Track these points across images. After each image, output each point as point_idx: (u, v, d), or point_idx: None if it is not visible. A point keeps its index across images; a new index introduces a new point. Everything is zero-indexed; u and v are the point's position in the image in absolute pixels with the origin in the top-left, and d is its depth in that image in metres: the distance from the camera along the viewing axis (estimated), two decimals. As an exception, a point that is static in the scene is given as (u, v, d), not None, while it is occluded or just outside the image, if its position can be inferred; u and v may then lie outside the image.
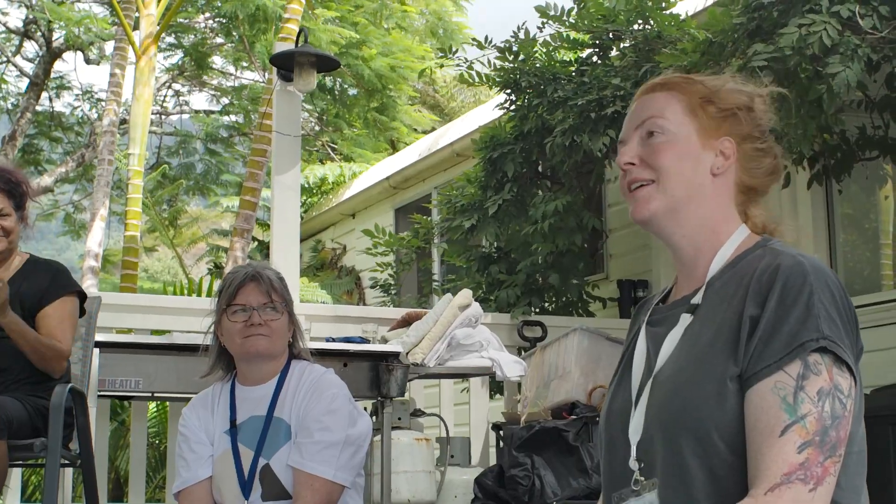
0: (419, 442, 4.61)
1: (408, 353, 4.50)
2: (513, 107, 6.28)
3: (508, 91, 6.24)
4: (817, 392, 1.39)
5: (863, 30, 4.24)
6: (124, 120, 13.40)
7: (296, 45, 5.54)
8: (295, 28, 8.43)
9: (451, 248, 6.84)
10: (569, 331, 4.91)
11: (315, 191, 13.04)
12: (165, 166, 16.61)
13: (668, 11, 5.62)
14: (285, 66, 5.37)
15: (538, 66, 6.02)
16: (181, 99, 17.88)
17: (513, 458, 4.35)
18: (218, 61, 16.88)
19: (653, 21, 5.64)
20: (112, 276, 14.92)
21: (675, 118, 1.62)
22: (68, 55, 16.94)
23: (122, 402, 6.05)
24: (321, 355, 3.62)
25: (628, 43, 5.76)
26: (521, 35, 6.03)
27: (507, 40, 6.07)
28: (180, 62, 16.72)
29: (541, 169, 6.48)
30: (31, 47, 17.31)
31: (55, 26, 15.70)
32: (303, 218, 11.37)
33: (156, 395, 4.54)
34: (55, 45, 16.35)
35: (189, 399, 3.18)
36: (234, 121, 17.21)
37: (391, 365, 4.41)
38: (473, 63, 6.26)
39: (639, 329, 1.68)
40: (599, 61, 6.02)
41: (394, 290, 8.40)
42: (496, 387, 5.88)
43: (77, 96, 17.62)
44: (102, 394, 4.18)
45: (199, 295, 8.61)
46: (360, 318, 5.21)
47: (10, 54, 17.09)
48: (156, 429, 7.76)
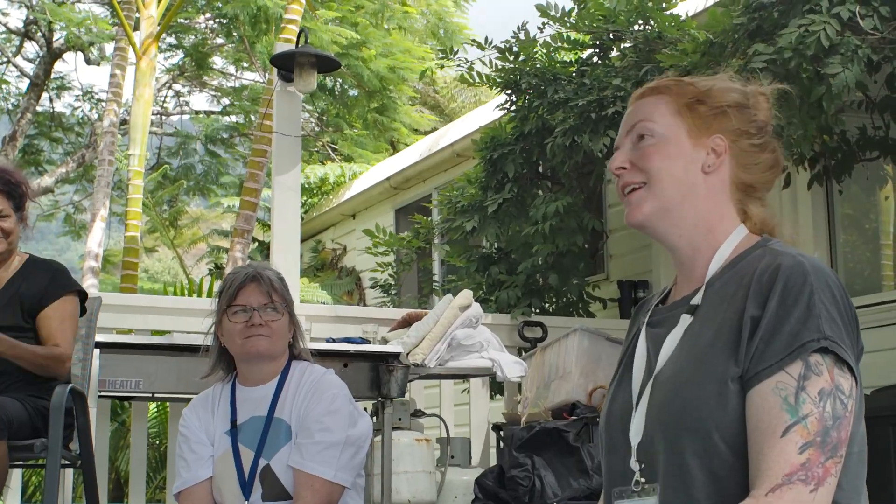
0: (419, 442, 4.61)
1: (408, 354, 4.50)
2: (513, 107, 6.28)
3: (509, 92, 6.24)
4: (818, 392, 1.39)
5: (863, 30, 4.24)
6: (125, 120, 13.40)
7: (296, 46, 5.54)
8: (295, 28, 8.43)
9: (451, 248, 6.83)
10: (569, 331, 4.91)
11: (315, 191, 13.03)
12: (166, 167, 16.61)
13: (669, 12, 5.62)
14: (286, 66, 5.37)
15: (538, 66, 6.02)
16: (181, 99, 17.89)
17: (513, 458, 4.34)
18: (218, 62, 16.89)
19: (653, 21, 5.63)
20: (112, 277, 14.92)
21: (663, 120, 1.62)
22: (69, 56, 16.96)
23: (122, 402, 6.05)
24: (321, 356, 3.62)
25: (629, 43, 5.76)
26: (522, 36, 6.03)
27: (507, 40, 6.06)
28: (181, 63, 16.73)
29: (541, 169, 6.48)
30: (31, 48, 17.33)
31: (56, 27, 15.71)
32: (303, 218, 11.36)
33: (156, 395, 4.53)
34: (56, 45, 16.36)
35: (189, 400, 3.18)
36: (234, 121, 17.22)
37: (391, 365, 4.41)
38: (474, 63, 6.26)
39: (638, 330, 1.68)
40: (600, 62, 6.01)
41: (394, 291, 8.39)
42: (496, 387, 5.88)
43: (77, 97, 17.65)
44: (103, 394, 4.18)
45: (200, 295, 8.61)
46: (360, 319, 5.20)
47: (11, 55, 17.09)
48: (156, 429, 7.76)
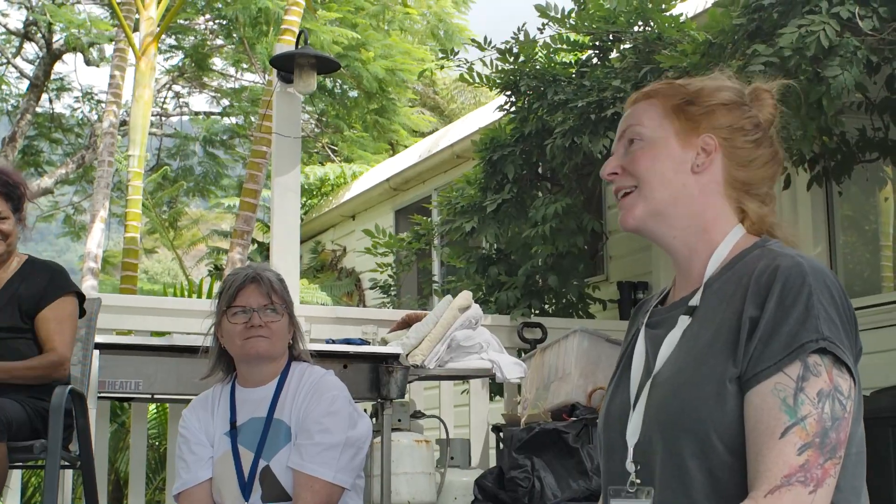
0: (419, 443, 4.61)
1: (408, 355, 4.50)
2: (513, 109, 6.28)
3: (508, 93, 6.24)
4: (817, 393, 1.39)
5: (862, 31, 4.24)
6: (124, 121, 13.40)
7: (296, 47, 5.54)
8: (295, 30, 8.43)
9: (451, 249, 6.83)
10: (569, 332, 4.91)
11: (315, 192, 13.03)
12: (166, 168, 16.61)
13: (669, 13, 5.62)
14: (285, 67, 5.36)
15: (538, 67, 6.02)
16: (181, 101, 17.89)
17: (513, 459, 4.34)
18: (218, 63, 16.89)
19: (653, 22, 5.63)
20: (112, 278, 14.91)
21: (651, 123, 1.63)
22: (68, 57, 16.96)
23: (122, 403, 6.04)
24: (321, 357, 3.62)
25: (628, 44, 5.76)
26: (521, 37, 6.03)
27: (507, 41, 6.06)
28: (180, 64, 16.73)
29: (541, 171, 6.48)
30: (31, 49, 17.34)
31: (55, 28, 15.71)
32: (303, 219, 11.37)
33: (156, 396, 4.53)
34: (55, 46, 16.36)
35: (189, 401, 3.18)
36: (234, 123, 17.22)
37: (391, 366, 4.41)
38: (473, 64, 6.26)
39: (637, 331, 1.68)
40: (599, 63, 6.02)
41: (393, 292, 8.39)
42: (496, 388, 5.88)
43: (77, 98, 17.65)
44: (102, 395, 4.17)
45: (199, 296, 8.60)
46: (359, 320, 5.20)
47: (11, 56, 17.09)
48: (156, 430, 7.75)
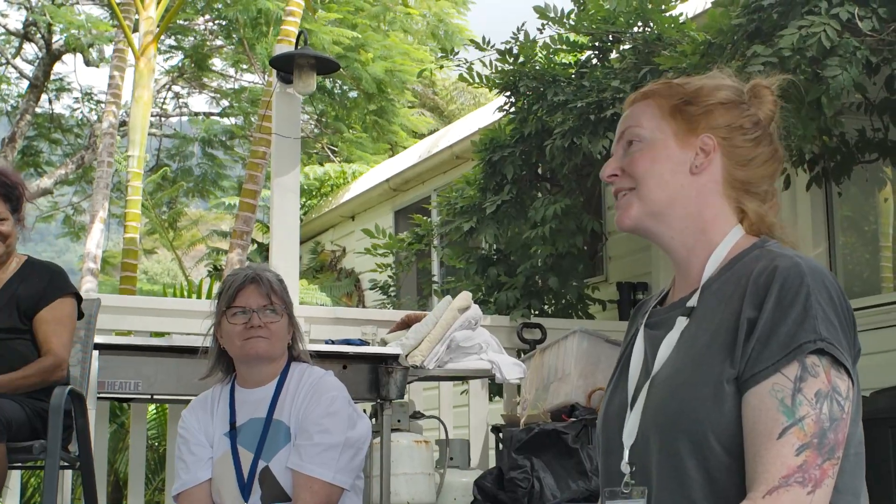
0: (418, 444, 4.61)
1: (407, 356, 4.50)
2: (512, 109, 6.28)
3: (508, 94, 6.24)
4: (815, 394, 1.39)
5: (862, 32, 4.24)
6: (124, 122, 13.40)
7: (295, 48, 5.54)
8: (294, 30, 8.42)
9: (450, 250, 6.83)
10: (568, 333, 4.91)
11: (314, 193, 13.03)
12: (165, 168, 16.61)
13: (669, 14, 5.62)
14: (285, 68, 5.36)
15: (538, 68, 6.02)
16: (181, 101, 17.89)
17: (512, 460, 4.34)
18: (217, 63, 16.89)
19: (653, 23, 5.63)
20: (111, 279, 14.90)
21: (650, 124, 1.62)
22: (68, 57, 16.96)
23: (121, 404, 6.04)
24: (320, 357, 3.62)
25: (628, 45, 5.76)
26: (521, 37, 6.03)
27: (507, 41, 6.06)
28: (180, 64, 16.73)
29: (540, 171, 6.48)
30: (30, 49, 17.34)
31: (55, 28, 15.70)
32: (302, 220, 11.36)
33: (155, 397, 4.53)
34: (55, 47, 16.36)
35: (188, 401, 3.18)
36: (233, 123, 17.22)
37: (390, 367, 4.41)
38: (473, 64, 6.26)
39: (636, 331, 1.67)
40: (599, 64, 6.02)
41: (393, 292, 8.39)
42: (495, 389, 5.88)
43: (77, 98, 17.66)
44: (102, 396, 4.17)
45: (199, 297, 8.59)
46: (359, 321, 5.20)
47: (10, 56, 17.09)
48: (155, 431, 7.74)
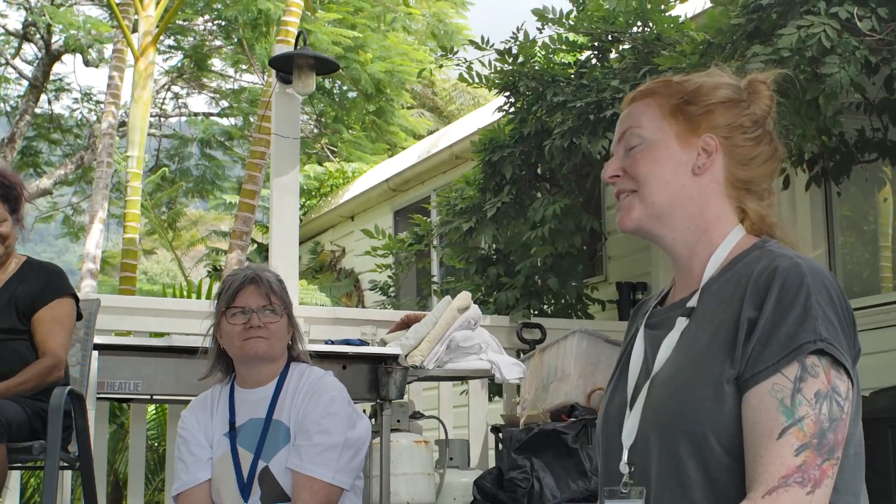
0: (418, 444, 4.60)
1: (407, 356, 4.50)
2: (512, 109, 6.28)
3: (507, 94, 6.24)
4: (815, 394, 1.39)
5: (861, 31, 4.24)
6: (123, 122, 13.40)
7: (295, 48, 5.54)
8: (294, 31, 8.42)
9: (450, 250, 6.83)
10: (568, 333, 4.91)
11: (314, 193, 13.03)
12: (164, 169, 16.60)
13: (668, 13, 5.62)
14: (284, 68, 5.36)
15: (537, 68, 6.02)
16: (180, 101, 17.89)
17: (512, 460, 4.34)
18: (217, 64, 16.89)
19: (652, 23, 5.63)
20: (111, 279, 14.90)
21: (651, 124, 1.62)
22: (67, 57, 16.95)
23: (121, 404, 6.03)
24: (320, 358, 3.62)
25: (627, 45, 5.76)
26: (520, 37, 6.03)
27: (506, 41, 6.07)
28: (179, 64, 16.73)
29: (540, 171, 6.48)
30: (30, 50, 17.34)
31: (54, 29, 15.70)
32: (302, 220, 11.36)
33: (155, 397, 4.53)
34: (54, 47, 16.35)
35: (188, 402, 3.18)
36: (232, 124, 17.21)
37: (390, 367, 4.41)
38: (472, 64, 6.26)
39: (636, 331, 1.67)
40: (598, 63, 6.02)
41: (393, 293, 8.39)
42: (495, 389, 5.88)
43: (76, 99, 17.66)
44: (101, 396, 4.17)
45: (199, 297, 8.58)
46: (358, 321, 5.20)
47: (10, 57, 17.09)
48: (155, 431, 7.74)
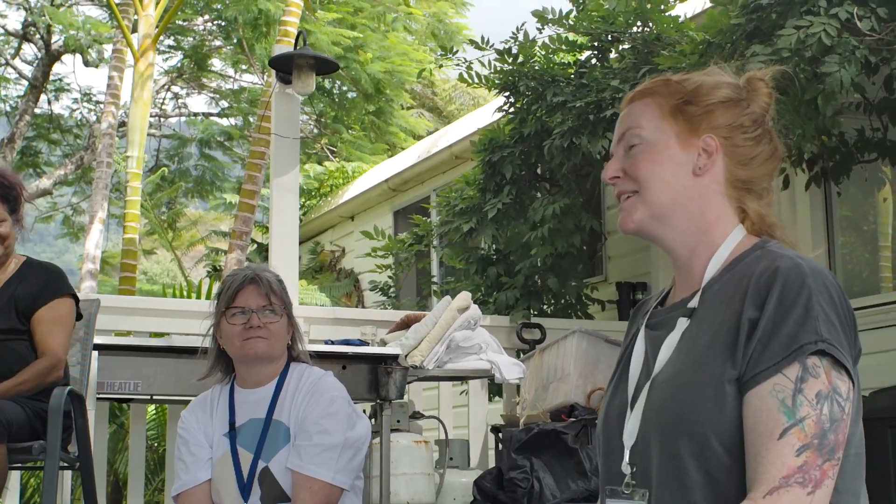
0: (418, 444, 4.60)
1: (406, 356, 4.50)
2: (512, 109, 6.28)
3: (507, 94, 6.24)
4: (816, 395, 1.39)
5: (861, 31, 4.24)
6: (123, 122, 13.39)
7: (294, 48, 5.54)
8: (294, 31, 8.42)
9: (450, 250, 6.83)
10: (567, 333, 4.91)
11: (314, 193, 13.03)
12: (164, 169, 16.60)
13: (668, 13, 5.62)
14: (284, 68, 5.36)
15: (537, 68, 6.02)
16: (180, 101, 17.89)
17: (512, 460, 4.34)
18: (217, 64, 16.89)
19: (652, 23, 5.63)
20: (111, 279, 14.90)
21: (651, 125, 1.62)
22: (67, 58, 16.96)
23: (120, 404, 6.03)
24: (320, 358, 3.61)
25: (627, 45, 5.76)
26: (520, 37, 6.03)
27: (506, 40, 6.07)
28: (179, 64, 16.73)
29: (539, 171, 6.48)
30: (29, 50, 17.35)
31: (54, 29, 15.70)
32: (301, 220, 11.36)
33: (154, 397, 4.52)
34: (54, 47, 16.35)
35: (188, 402, 3.18)
36: (231, 125, 17.21)
37: (390, 367, 4.41)
38: (472, 64, 6.26)
39: (637, 331, 1.67)
40: (598, 63, 6.02)
41: (393, 293, 8.39)
42: (495, 389, 5.88)
43: (76, 99, 17.66)
44: (101, 396, 4.17)
45: (198, 297, 8.59)
46: (358, 321, 5.20)
47: (9, 57, 17.09)
48: (154, 431, 7.74)
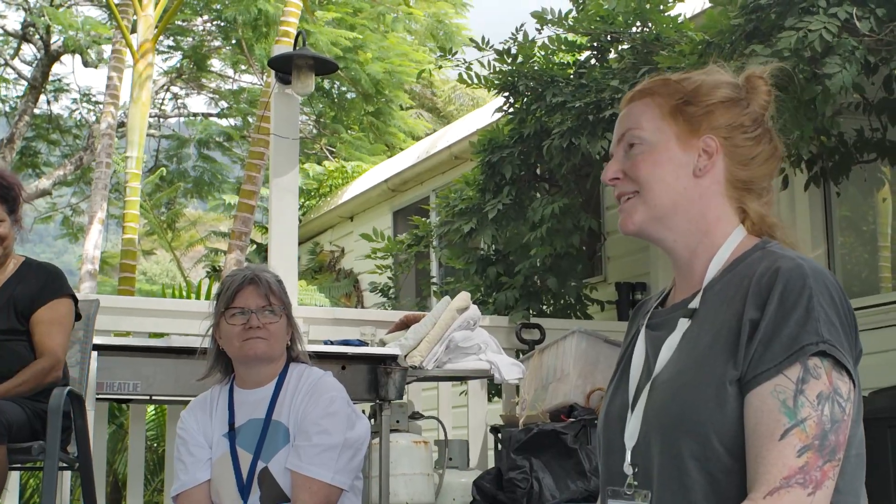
0: (417, 444, 4.60)
1: (406, 356, 4.50)
2: (511, 110, 6.28)
3: (507, 94, 6.24)
4: (817, 396, 1.39)
5: (860, 32, 4.24)
6: (122, 123, 13.40)
7: (294, 48, 5.54)
8: (293, 31, 8.42)
9: (449, 251, 6.84)
10: (567, 333, 4.91)
11: (313, 193, 13.03)
12: (163, 169, 16.60)
13: (667, 14, 5.62)
14: (283, 68, 5.36)
15: (536, 68, 6.02)
16: (179, 102, 17.89)
17: (511, 460, 4.34)
18: (216, 64, 16.89)
19: (651, 23, 5.63)
20: (110, 279, 14.90)
21: (651, 125, 1.61)
22: (66, 58, 16.96)
23: (120, 405, 6.03)
24: (319, 358, 3.61)
25: (626, 45, 5.76)
26: (520, 37, 6.03)
27: (505, 41, 6.07)
28: (178, 65, 16.73)
29: (539, 172, 6.48)
30: (29, 50, 17.37)
31: (53, 30, 15.70)
32: (301, 221, 11.36)
33: (154, 398, 4.52)
34: (53, 48, 16.35)
35: (187, 402, 3.17)
36: (230, 125, 17.21)
37: (389, 368, 4.41)
38: (472, 64, 6.26)
39: (637, 332, 1.67)
40: (598, 64, 6.02)
41: (393, 294, 8.39)
42: (494, 389, 5.88)
43: (75, 99, 17.66)
44: (101, 397, 4.16)
45: (198, 298, 8.58)
46: (358, 321, 5.21)
47: (9, 57, 17.09)
48: (154, 432, 7.73)
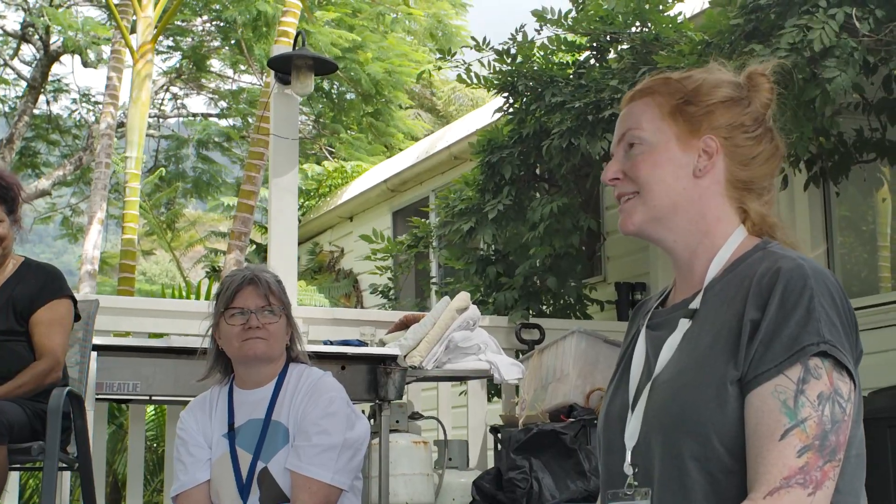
0: (417, 445, 4.60)
1: (406, 356, 4.50)
2: (510, 110, 6.28)
3: (506, 94, 6.24)
4: (817, 396, 1.39)
5: (860, 32, 4.24)
6: (122, 123, 13.40)
7: (293, 48, 5.54)
8: (292, 31, 8.42)
9: (449, 251, 6.84)
10: (566, 333, 4.91)
11: (313, 193, 13.03)
12: (162, 169, 16.60)
13: (667, 14, 5.62)
14: (283, 69, 5.36)
15: (536, 68, 6.02)
16: (178, 102, 17.89)
17: (511, 460, 4.34)
18: (216, 64, 16.89)
19: (650, 23, 5.63)
20: (110, 280, 14.90)
21: (651, 126, 1.61)
22: (66, 58, 16.95)
23: (119, 405, 6.03)
24: (319, 358, 3.61)
25: (626, 45, 5.76)
26: (519, 37, 6.03)
27: (505, 42, 6.07)
28: (178, 65, 16.73)
29: (538, 172, 6.48)
30: (28, 50, 17.37)
31: (53, 30, 15.69)
32: (300, 221, 11.35)
33: (153, 398, 4.52)
34: (53, 48, 16.35)
35: (187, 402, 3.17)
36: (231, 125, 17.21)
37: (389, 368, 4.41)
38: (471, 65, 6.26)
39: (637, 332, 1.67)
40: (597, 64, 6.02)
41: (393, 295, 8.39)
42: (494, 390, 5.88)
43: (74, 100, 17.65)
44: (100, 397, 4.16)
45: (197, 298, 8.58)
46: (357, 321, 5.21)
47: (8, 57, 17.09)
48: (153, 432, 7.73)
